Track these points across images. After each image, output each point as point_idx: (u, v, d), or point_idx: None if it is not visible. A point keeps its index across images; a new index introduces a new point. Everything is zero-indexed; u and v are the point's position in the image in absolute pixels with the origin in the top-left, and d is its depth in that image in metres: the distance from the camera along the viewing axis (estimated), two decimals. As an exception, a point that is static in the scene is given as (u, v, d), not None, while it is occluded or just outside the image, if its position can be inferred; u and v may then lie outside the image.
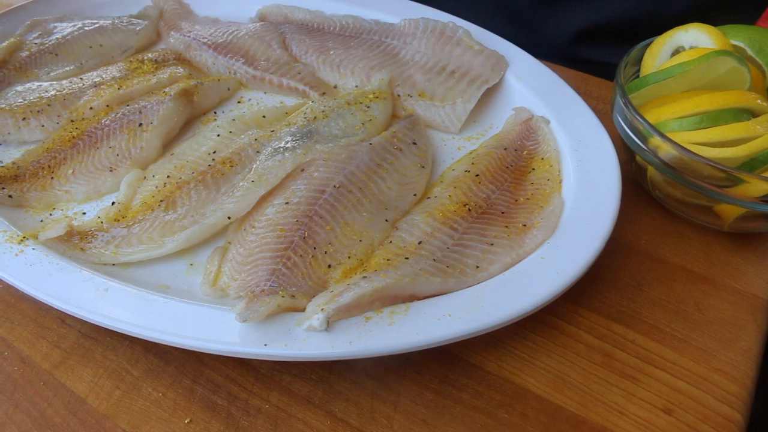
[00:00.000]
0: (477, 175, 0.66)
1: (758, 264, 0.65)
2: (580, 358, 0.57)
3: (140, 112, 0.73)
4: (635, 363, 0.57)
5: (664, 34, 0.71)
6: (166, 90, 0.75)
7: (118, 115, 0.73)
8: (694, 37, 0.69)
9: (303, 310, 0.53)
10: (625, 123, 0.66)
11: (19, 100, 0.75)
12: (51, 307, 0.55)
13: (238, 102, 0.81)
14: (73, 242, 0.61)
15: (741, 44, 0.68)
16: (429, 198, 0.65)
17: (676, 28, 0.70)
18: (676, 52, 0.70)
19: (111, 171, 0.69)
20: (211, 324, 0.52)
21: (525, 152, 0.70)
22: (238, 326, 0.52)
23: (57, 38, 0.84)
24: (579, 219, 0.61)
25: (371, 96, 0.74)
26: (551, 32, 1.05)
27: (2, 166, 0.69)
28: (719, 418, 0.53)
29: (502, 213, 0.62)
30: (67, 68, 0.82)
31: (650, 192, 0.70)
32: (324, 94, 0.78)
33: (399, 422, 0.52)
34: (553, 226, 0.60)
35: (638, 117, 0.63)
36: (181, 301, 0.54)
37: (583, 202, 0.62)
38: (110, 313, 0.53)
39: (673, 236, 0.68)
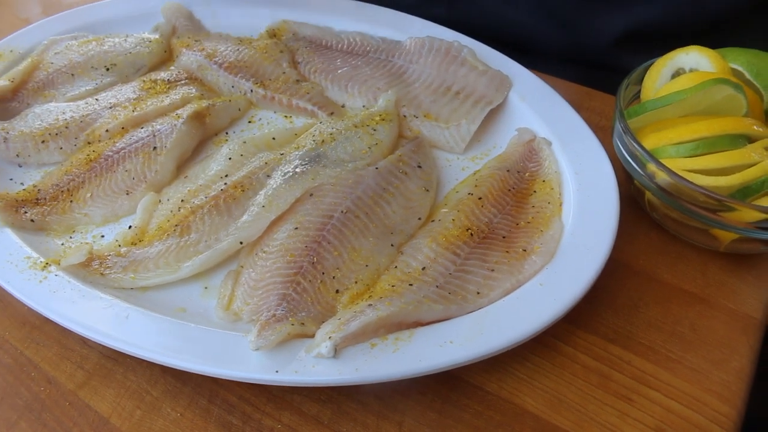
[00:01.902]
0: (480, 198, 0.68)
1: (754, 284, 0.67)
2: (576, 378, 0.60)
3: (154, 135, 0.75)
4: (630, 384, 0.60)
5: (665, 56, 0.72)
6: (179, 112, 0.78)
7: (133, 138, 0.75)
8: (695, 60, 0.70)
9: (312, 335, 0.56)
10: (623, 148, 0.67)
11: (38, 123, 0.78)
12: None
13: (249, 122, 0.83)
14: (93, 267, 0.64)
15: (739, 68, 0.69)
16: (433, 221, 0.67)
17: (677, 50, 0.72)
18: (677, 73, 0.72)
19: (127, 194, 0.72)
20: (225, 350, 0.55)
21: (527, 174, 0.72)
22: (251, 353, 0.55)
23: (73, 58, 0.87)
24: (577, 244, 0.63)
25: (378, 118, 0.76)
26: (594, 34, 1.01)
27: (24, 190, 0.72)
28: (709, 438, 0.56)
29: (504, 237, 0.65)
30: (84, 88, 0.84)
31: (649, 213, 0.72)
32: (332, 114, 0.80)
33: (403, 442, 0.56)
34: (552, 251, 0.62)
35: (636, 144, 0.64)
36: (198, 328, 0.57)
37: (582, 227, 0.64)
38: (131, 339, 0.56)
39: (670, 256, 0.70)
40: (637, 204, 0.74)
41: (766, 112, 0.69)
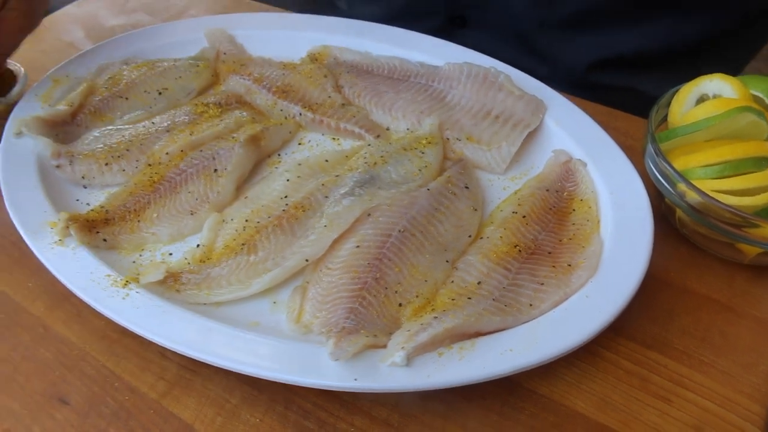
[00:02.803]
0: (524, 216, 0.74)
1: (776, 293, 0.74)
2: (620, 382, 0.65)
3: (214, 158, 0.80)
4: (668, 386, 0.65)
5: (691, 83, 0.78)
6: (235, 136, 0.83)
7: (194, 161, 0.80)
8: (718, 87, 0.76)
9: (382, 346, 0.61)
10: (655, 168, 0.73)
11: (100, 146, 0.82)
12: (151, 342, 0.63)
13: (299, 144, 0.88)
14: (169, 284, 0.69)
15: (760, 94, 0.76)
16: (482, 238, 0.72)
17: (701, 77, 0.78)
18: (701, 99, 0.78)
19: (192, 214, 0.76)
20: (306, 360, 0.60)
21: (565, 193, 0.78)
22: (329, 363, 0.60)
23: (126, 82, 0.91)
24: (617, 259, 0.68)
25: (424, 141, 0.81)
26: (565, 62, 1.11)
27: (93, 211, 0.76)
28: (743, 434, 0.62)
29: (549, 253, 0.70)
30: (138, 112, 0.89)
31: (678, 228, 0.78)
32: (378, 136, 0.85)
33: (468, 442, 0.61)
34: (595, 266, 0.68)
35: (667, 165, 0.70)
36: (278, 340, 0.62)
37: (620, 243, 0.70)
38: (218, 351, 0.61)
39: (699, 269, 0.76)
40: (666, 220, 0.80)
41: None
